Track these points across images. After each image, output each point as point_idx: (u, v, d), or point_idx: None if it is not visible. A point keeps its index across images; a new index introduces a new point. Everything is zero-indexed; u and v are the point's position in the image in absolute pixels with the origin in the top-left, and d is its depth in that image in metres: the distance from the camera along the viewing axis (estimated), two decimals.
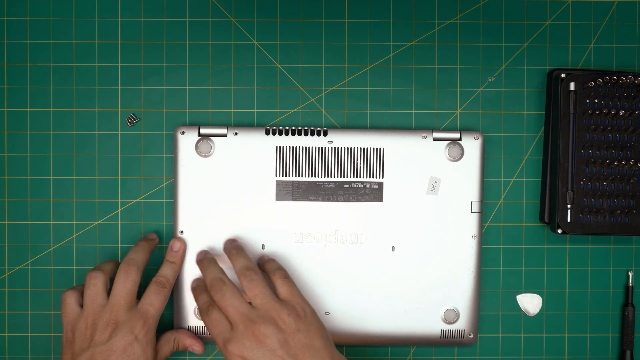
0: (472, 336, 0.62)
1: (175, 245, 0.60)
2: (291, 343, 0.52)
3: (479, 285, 0.62)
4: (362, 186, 0.61)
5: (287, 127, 0.61)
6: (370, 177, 0.61)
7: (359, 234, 0.61)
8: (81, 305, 0.57)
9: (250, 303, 0.55)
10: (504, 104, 0.64)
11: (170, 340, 0.59)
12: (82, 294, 0.57)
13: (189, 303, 0.62)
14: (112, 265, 0.59)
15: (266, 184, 0.61)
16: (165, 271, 0.59)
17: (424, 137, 0.61)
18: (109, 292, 0.57)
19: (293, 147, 0.61)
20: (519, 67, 0.64)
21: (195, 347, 0.60)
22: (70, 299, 0.57)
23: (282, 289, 0.56)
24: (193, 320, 0.62)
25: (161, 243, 0.63)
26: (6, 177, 0.63)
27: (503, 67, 0.64)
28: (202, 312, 0.57)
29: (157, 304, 0.57)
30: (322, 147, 0.61)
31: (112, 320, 0.55)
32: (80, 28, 0.63)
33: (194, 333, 0.61)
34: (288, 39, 0.63)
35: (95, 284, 0.56)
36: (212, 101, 0.63)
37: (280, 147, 0.61)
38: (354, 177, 0.61)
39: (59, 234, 0.63)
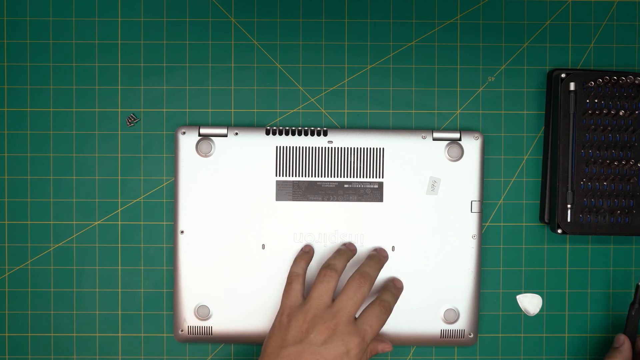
0: (472, 336, 0.62)
1: (399, 282, 0.61)
2: None
3: (479, 285, 0.62)
4: (362, 186, 0.61)
5: (287, 127, 0.61)
6: (370, 177, 0.61)
7: (359, 234, 0.61)
8: (303, 296, 0.57)
9: None
10: (504, 104, 0.64)
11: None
12: (305, 284, 0.58)
13: (189, 303, 0.62)
14: (344, 266, 0.58)
15: (266, 184, 0.61)
16: (388, 297, 0.58)
17: (424, 137, 0.61)
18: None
19: (293, 147, 0.61)
20: (519, 67, 0.64)
21: (386, 346, 0.59)
22: (297, 284, 0.57)
23: None
24: (193, 320, 0.62)
25: (169, 243, 0.63)
26: (6, 177, 0.63)
27: (503, 67, 0.64)
28: None
29: (376, 328, 0.55)
30: (322, 147, 0.61)
31: (332, 326, 0.54)
32: (80, 28, 0.63)
33: (192, 334, 0.61)
34: (288, 39, 0.63)
35: (329, 281, 0.56)
36: (212, 101, 0.63)
37: (280, 147, 0.61)
38: (354, 177, 0.61)
39: (59, 234, 0.63)
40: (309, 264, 0.59)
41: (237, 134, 0.61)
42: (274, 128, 0.61)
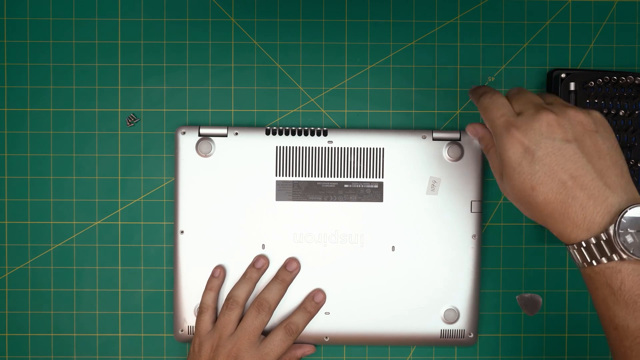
0: (472, 336, 0.62)
1: (318, 296, 0.61)
2: (586, 141, 0.45)
3: (479, 285, 0.62)
4: (362, 186, 0.61)
5: (287, 127, 0.61)
6: (370, 177, 0.61)
7: (359, 234, 0.61)
8: (213, 324, 0.60)
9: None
10: None
11: None
12: (215, 312, 0.61)
13: (189, 303, 0.62)
14: (247, 296, 0.60)
15: (266, 184, 0.61)
16: (298, 319, 0.60)
17: (424, 137, 0.61)
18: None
19: (293, 147, 0.61)
20: (519, 67, 0.64)
21: (307, 350, 0.62)
22: (206, 315, 0.60)
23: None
24: (193, 320, 0.62)
25: (169, 243, 0.63)
26: (6, 177, 0.63)
27: (503, 67, 0.64)
28: (485, 95, 0.49)
29: (278, 351, 0.59)
30: (322, 147, 0.61)
31: (233, 352, 0.58)
32: (80, 28, 0.63)
33: (192, 334, 0.61)
34: (288, 39, 0.63)
35: (230, 314, 0.59)
36: (212, 101, 0.63)
37: (280, 147, 0.61)
38: (354, 177, 0.61)
39: (59, 234, 0.63)
40: (219, 291, 0.61)
41: (237, 134, 0.61)
42: (274, 128, 0.61)
